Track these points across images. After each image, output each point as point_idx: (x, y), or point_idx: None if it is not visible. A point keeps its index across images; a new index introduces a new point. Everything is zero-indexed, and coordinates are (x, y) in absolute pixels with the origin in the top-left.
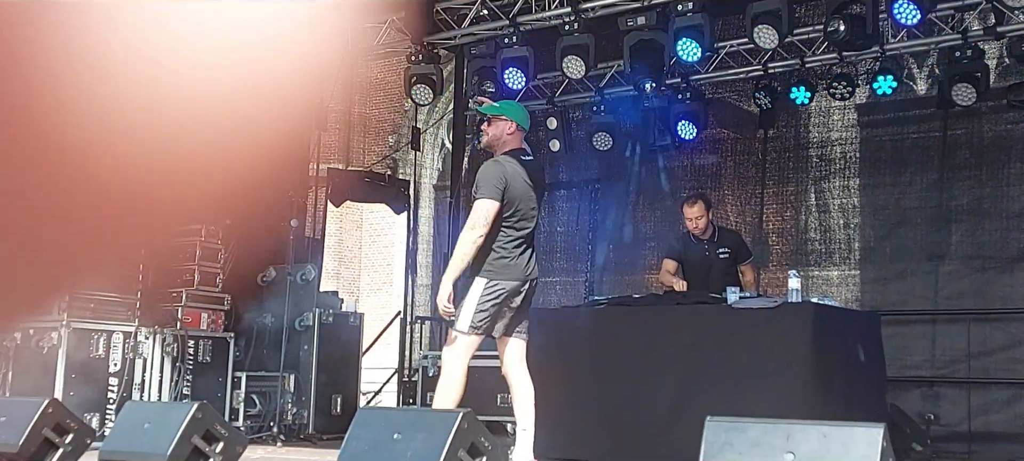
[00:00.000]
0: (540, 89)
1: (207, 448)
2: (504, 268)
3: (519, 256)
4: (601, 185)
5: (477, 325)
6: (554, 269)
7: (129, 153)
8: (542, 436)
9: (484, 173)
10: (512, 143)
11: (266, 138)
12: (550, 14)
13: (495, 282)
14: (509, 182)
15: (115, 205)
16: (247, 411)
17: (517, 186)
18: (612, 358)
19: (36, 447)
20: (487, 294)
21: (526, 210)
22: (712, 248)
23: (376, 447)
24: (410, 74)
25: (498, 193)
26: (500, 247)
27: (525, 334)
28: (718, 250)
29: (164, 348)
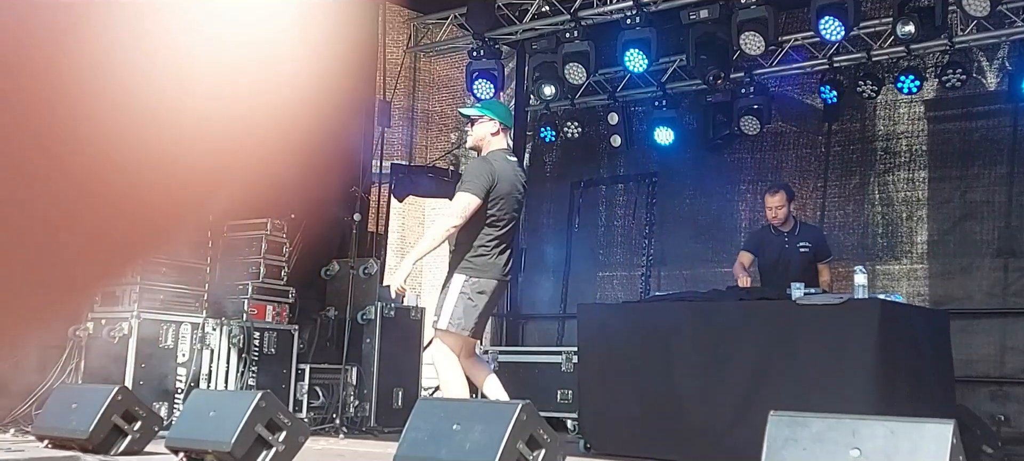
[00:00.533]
0: (601, 84)
1: (270, 437)
2: (486, 267)
3: (499, 255)
4: (659, 179)
5: (458, 323)
6: (612, 263)
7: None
8: (605, 432)
9: (472, 168)
10: (497, 143)
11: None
12: (611, 8)
13: (477, 280)
14: (497, 181)
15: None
16: (310, 403)
17: (504, 186)
18: (674, 354)
19: (105, 434)
20: (469, 292)
21: (509, 210)
22: (792, 241)
23: (435, 438)
24: (472, 70)
25: (482, 191)
26: (482, 246)
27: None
28: (798, 243)
29: (230, 339)
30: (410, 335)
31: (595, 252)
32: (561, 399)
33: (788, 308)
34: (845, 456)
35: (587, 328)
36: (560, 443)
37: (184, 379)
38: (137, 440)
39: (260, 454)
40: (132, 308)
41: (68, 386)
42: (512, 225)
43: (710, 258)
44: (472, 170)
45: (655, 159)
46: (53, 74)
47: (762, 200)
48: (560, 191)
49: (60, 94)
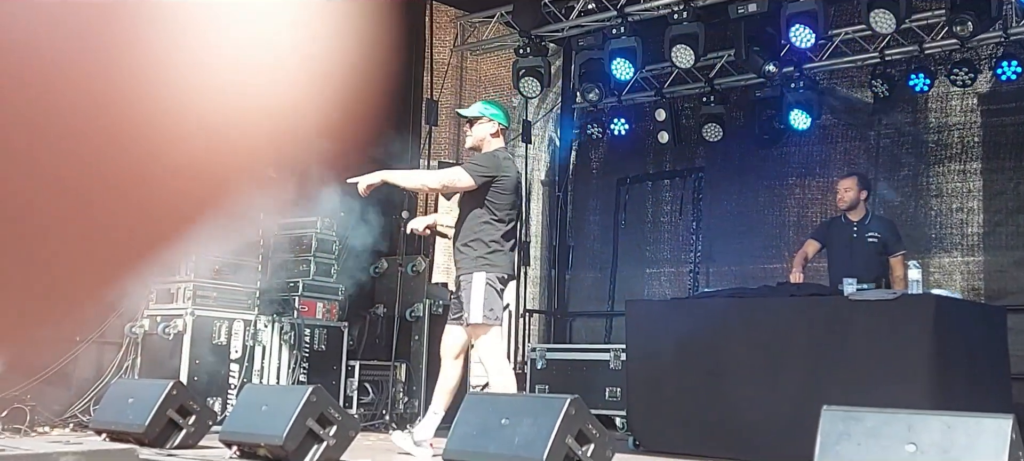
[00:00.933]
0: (648, 81)
1: (321, 431)
2: (500, 259)
3: (509, 249)
4: (706, 175)
5: (491, 314)
6: (660, 260)
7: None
8: (654, 430)
9: (479, 156)
10: (496, 143)
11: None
12: (658, 3)
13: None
14: (500, 174)
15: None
16: (360, 399)
17: (508, 182)
18: (725, 351)
19: (161, 428)
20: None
21: (511, 205)
22: (861, 231)
23: (484, 432)
24: (518, 67)
25: (481, 178)
26: (493, 241)
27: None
28: (867, 234)
29: (281, 336)
30: None
31: (642, 249)
32: (609, 396)
33: (841, 304)
34: (900, 451)
35: (636, 325)
36: (609, 439)
37: (237, 375)
38: (192, 434)
39: (311, 448)
40: (186, 305)
41: (125, 381)
42: (515, 223)
43: (759, 254)
44: (478, 157)
45: (703, 155)
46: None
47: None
48: (607, 188)
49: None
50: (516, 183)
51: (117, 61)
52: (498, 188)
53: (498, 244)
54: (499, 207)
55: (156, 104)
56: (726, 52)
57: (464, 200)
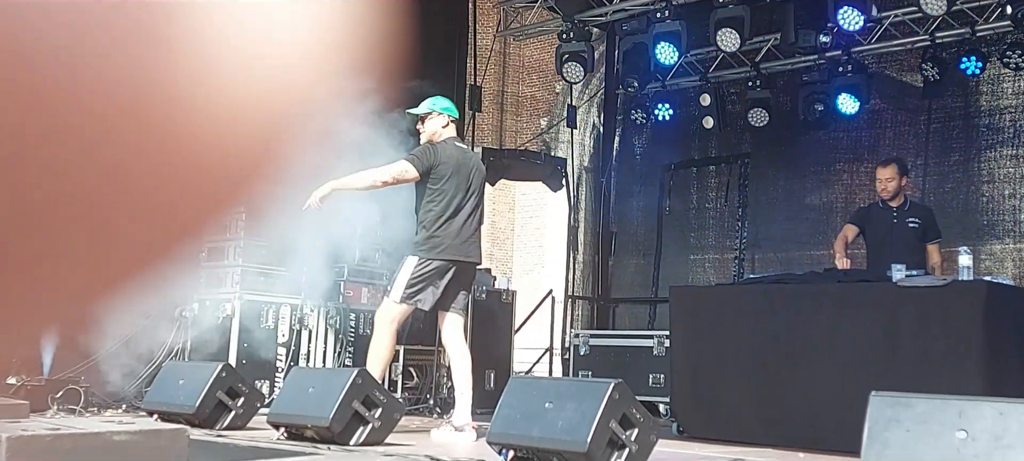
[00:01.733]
0: (693, 65)
1: (367, 413)
2: (432, 246)
3: (445, 235)
4: (752, 160)
5: (407, 297)
6: (704, 246)
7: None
8: (698, 416)
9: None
10: (448, 133)
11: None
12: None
13: (423, 259)
14: (438, 163)
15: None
16: (405, 383)
17: (446, 170)
18: (771, 338)
19: (211, 409)
20: (417, 270)
21: (454, 193)
22: (900, 216)
23: (528, 416)
24: (562, 52)
25: (421, 165)
26: (425, 226)
27: (462, 310)
28: (907, 219)
29: (327, 320)
30: (501, 317)
31: (687, 235)
32: (653, 383)
33: (889, 290)
34: (951, 438)
35: (680, 311)
36: (653, 424)
37: (284, 358)
38: (240, 415)
39: (357, 430)
40: (235, 289)
41: (176, 363)
42: (461, 208)
43: (806, 240)
44: (417, 149)
45: (748, 140)
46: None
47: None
48: (651, 174)
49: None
50: (455, 169)
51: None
52: (437, 175)
53: (429, 231)
54: (439, 193)
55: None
56: (772, 36)
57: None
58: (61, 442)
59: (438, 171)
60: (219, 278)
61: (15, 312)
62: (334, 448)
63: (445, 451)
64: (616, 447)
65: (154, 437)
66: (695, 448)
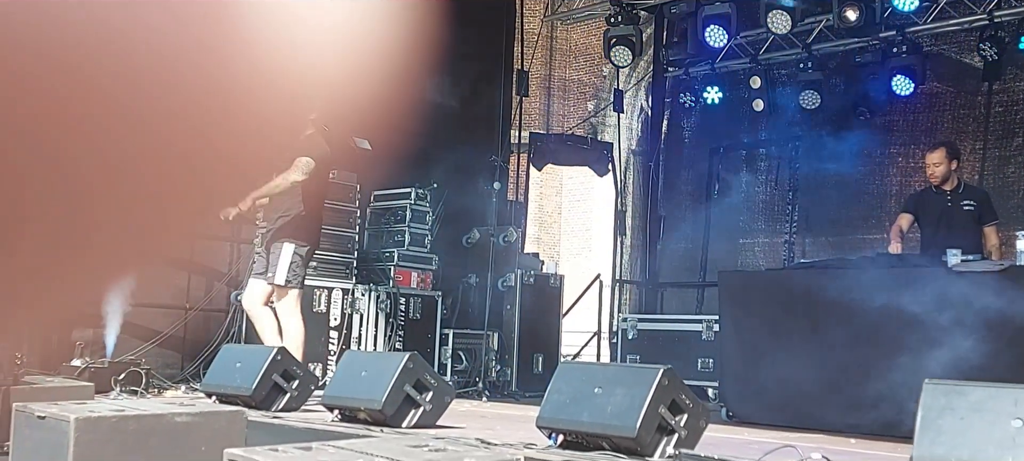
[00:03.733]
0: (743, 48)
1: (418, 396)
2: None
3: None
4: (803, 143)
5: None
6: (754, 230)
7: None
8: (747, 401)
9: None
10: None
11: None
12: None
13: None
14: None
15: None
16: (454, 367)
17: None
18: (821, 323)
19: (267, 391)
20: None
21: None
22: (955, 199)
23: (577, 400)
24: (610, 36)
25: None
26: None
27: None
28: (962, 202)
29: (378, 304)
30: (549, 301)
31: (736, 219)
32: (701, 367)
33: (943, 275)
34: (1007, 426)
35: (729, 296)
36: (702, 409)
37: (336, 341)
38: (295, 398)
39: (409, 412)
40: None
41: (233, 347)
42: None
43: (858, 225)
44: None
45: (800, 123)
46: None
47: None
48: (699, 157)
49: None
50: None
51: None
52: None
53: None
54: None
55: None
56: (824, 16)
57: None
58: (126, 423)
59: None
60: None
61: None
62: (387, 430)
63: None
64: (665, 432)
65: (214, 418)
66: (744, 433)
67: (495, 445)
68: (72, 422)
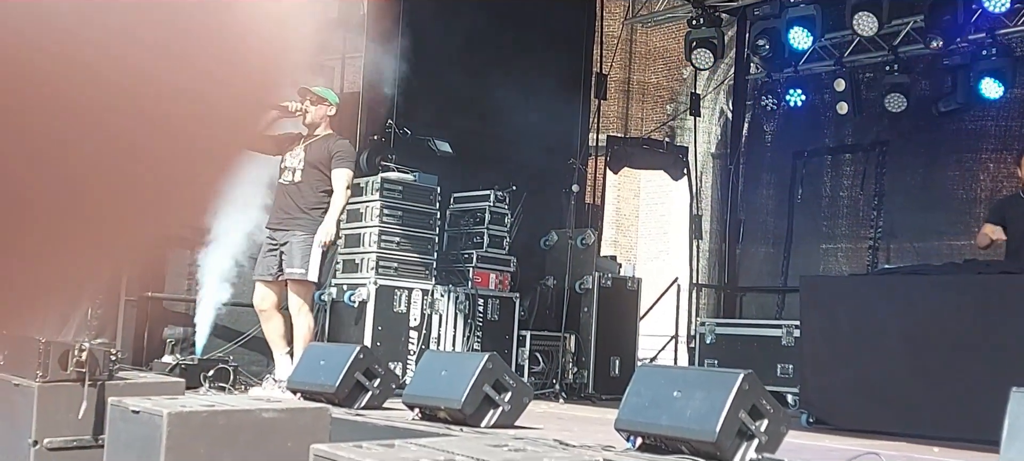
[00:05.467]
0: (827, 50)
1: (497, 397)
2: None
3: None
4: (889, 148)
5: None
6: (836, 235)
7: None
8: (829, 407)
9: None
10: (330, 125)
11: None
12: None
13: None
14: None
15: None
16: (531, 368)
17: None
18: (906, 329)
19: (350, 389)
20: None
21: None
22: None
23: (656, 404)
24: (691, 38)
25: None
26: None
27: None
28: None
29: (457, 305)
30: (627, 304)
31: (819, 224)
32: (781, 373)
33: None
34: None
35: (811, 301)
36: (783, 415)
37: (415, 341)
38: (377, 396)
39: (488, 412)
40: (370, 275)
41: (316, 345)
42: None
43: (945, 230)
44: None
45: (886, 126)
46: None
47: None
48: (781, 161)
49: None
50: None
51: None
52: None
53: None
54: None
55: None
56: (912, 18)
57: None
58: (215, 418)
59: None
60: (355, 263)
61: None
62: (466, 430)
63: (572, 436)
64: (746, 437)
65: (299, 415)
66: (826, 440)
67: (573, 447)
68: (165, 416)
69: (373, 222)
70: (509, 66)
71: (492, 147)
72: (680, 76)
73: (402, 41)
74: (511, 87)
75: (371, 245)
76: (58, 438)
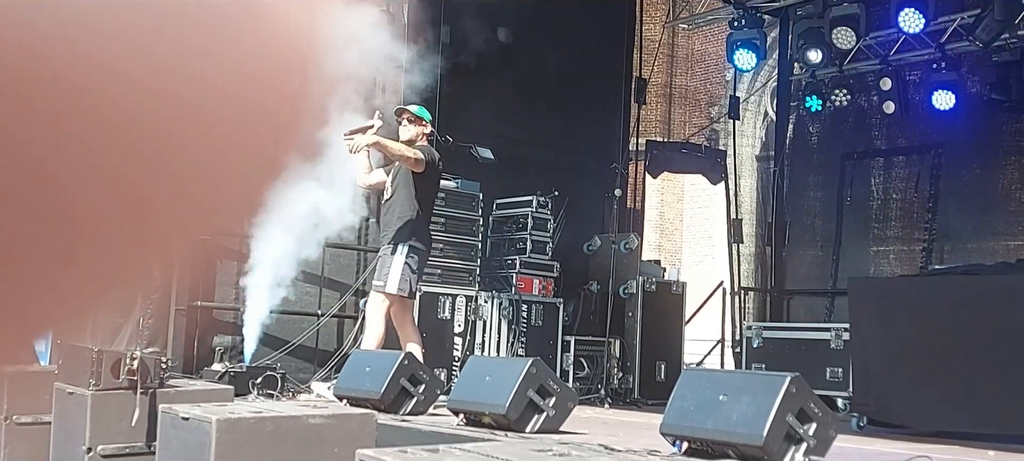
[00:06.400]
0: (872, 48)
1: (541, 402)
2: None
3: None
4: (936, 146)
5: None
6: (888, 237)
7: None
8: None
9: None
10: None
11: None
12: None
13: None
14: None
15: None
16: (576, 373)
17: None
18: (959, 331)
19: (395, 395)
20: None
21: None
22: None
23: (701, 408)
24: (733, 40)
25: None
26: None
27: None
28: None
29: (501, 311)
30: (672, 309)
31: (869, 226)
32: (830, 377)
33: None
34: None
35: (861, 304)
36: (832, 418)
37: (459, 347)
38: (422, 402)
39: (532, 418)
40: None
41: (362, 352)
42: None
43: (1002, 231)
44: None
45: (934, 126)
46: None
47: None
48: (827, 162)
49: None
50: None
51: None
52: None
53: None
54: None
55: None
56: (959, 14)
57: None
58: (263, 424)
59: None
60: None
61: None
62: (511, 435)
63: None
64: (793, 441)
65: (346, 421)
66: (877, 444)
67: (619, 451)
68: (214, 423)
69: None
70: (550, 72)
71: (534, 153)
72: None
73: (443, 48)
74: (552, 93)
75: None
76: (111, 445)
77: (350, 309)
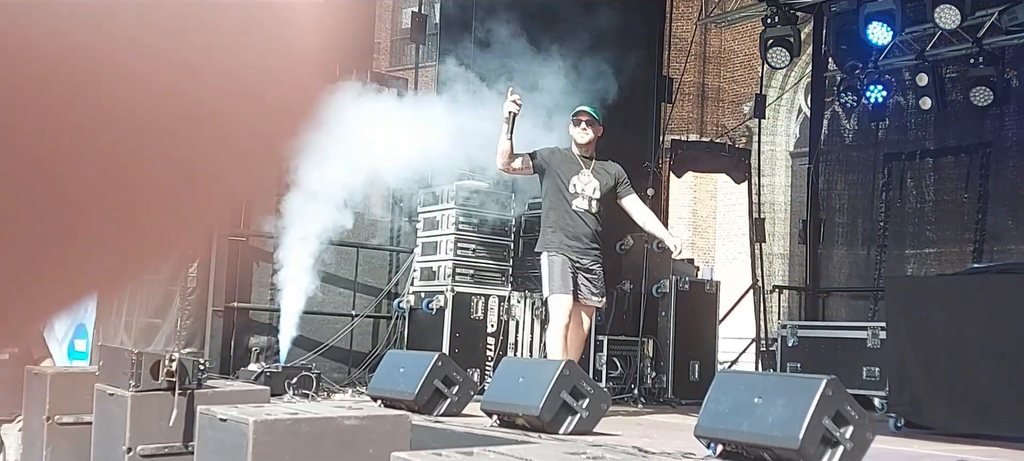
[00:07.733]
0: (908, 44)
1: (575, 403)
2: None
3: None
4: (974, 142)
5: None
6: (928, 237)
7: None
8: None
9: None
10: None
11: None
12: None
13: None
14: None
15: None
16: (609, 373)
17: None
18: (998, 329)
19: (429, 396)
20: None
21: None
22: None
23: (736, 410)
24: (766, 37)
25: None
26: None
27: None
28: None
29: (533, 311)
30: (706, 308)
31: (904, 224)
32: (867, 376)
33: None
34: None
35: (898, 303)
36: (869, 420)
37: (493, 348)
38: (455, 403)
39: (566, 419)
40: (447, 282)
41: (396, 353)
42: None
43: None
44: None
45: (971, 123)
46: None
47: None
48: (861, 160)
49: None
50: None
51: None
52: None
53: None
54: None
55: None
56: (996, 8)
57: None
58: (299, 425)
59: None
60: (432, 271)
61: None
62: (544, 436)
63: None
64: (830, 444)
65: (380, 422)
66: (915, 445)
67: (653, 454)
68: (251, 424)
69: (449, 230)
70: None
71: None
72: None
73: (474, 49)
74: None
75: (448, 253)
76: (150, 445)
77: (383, 310)
